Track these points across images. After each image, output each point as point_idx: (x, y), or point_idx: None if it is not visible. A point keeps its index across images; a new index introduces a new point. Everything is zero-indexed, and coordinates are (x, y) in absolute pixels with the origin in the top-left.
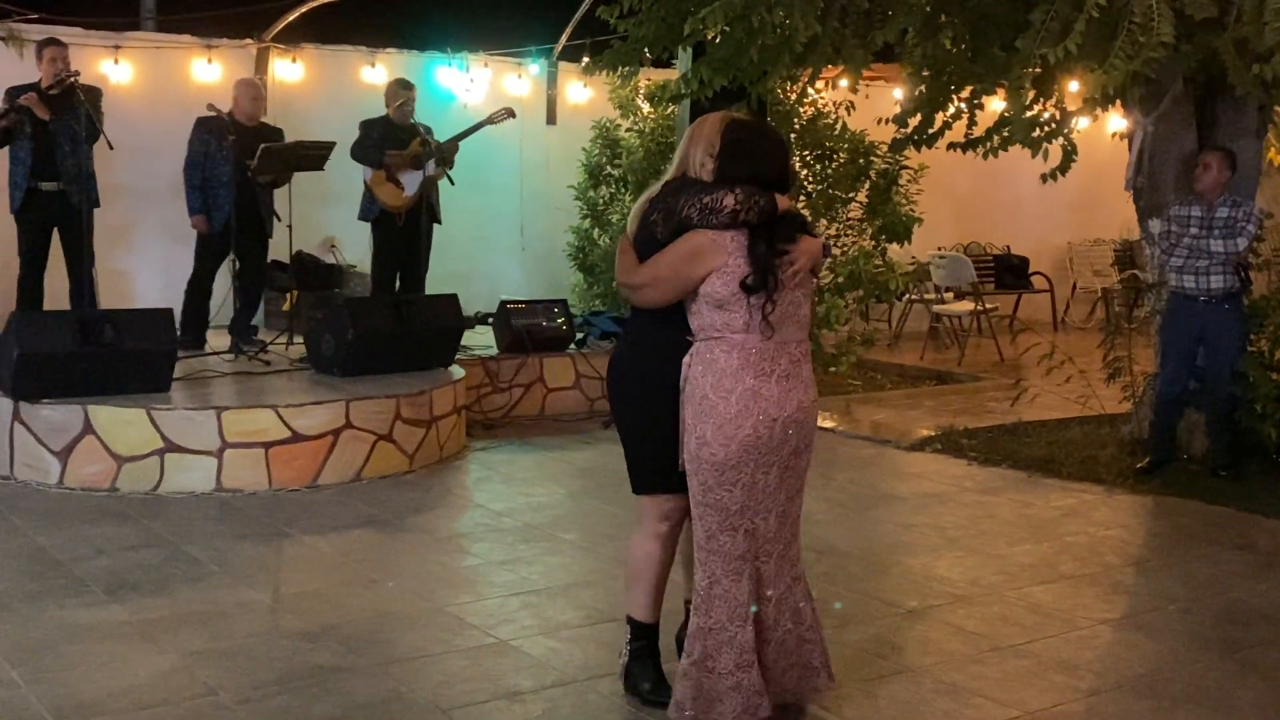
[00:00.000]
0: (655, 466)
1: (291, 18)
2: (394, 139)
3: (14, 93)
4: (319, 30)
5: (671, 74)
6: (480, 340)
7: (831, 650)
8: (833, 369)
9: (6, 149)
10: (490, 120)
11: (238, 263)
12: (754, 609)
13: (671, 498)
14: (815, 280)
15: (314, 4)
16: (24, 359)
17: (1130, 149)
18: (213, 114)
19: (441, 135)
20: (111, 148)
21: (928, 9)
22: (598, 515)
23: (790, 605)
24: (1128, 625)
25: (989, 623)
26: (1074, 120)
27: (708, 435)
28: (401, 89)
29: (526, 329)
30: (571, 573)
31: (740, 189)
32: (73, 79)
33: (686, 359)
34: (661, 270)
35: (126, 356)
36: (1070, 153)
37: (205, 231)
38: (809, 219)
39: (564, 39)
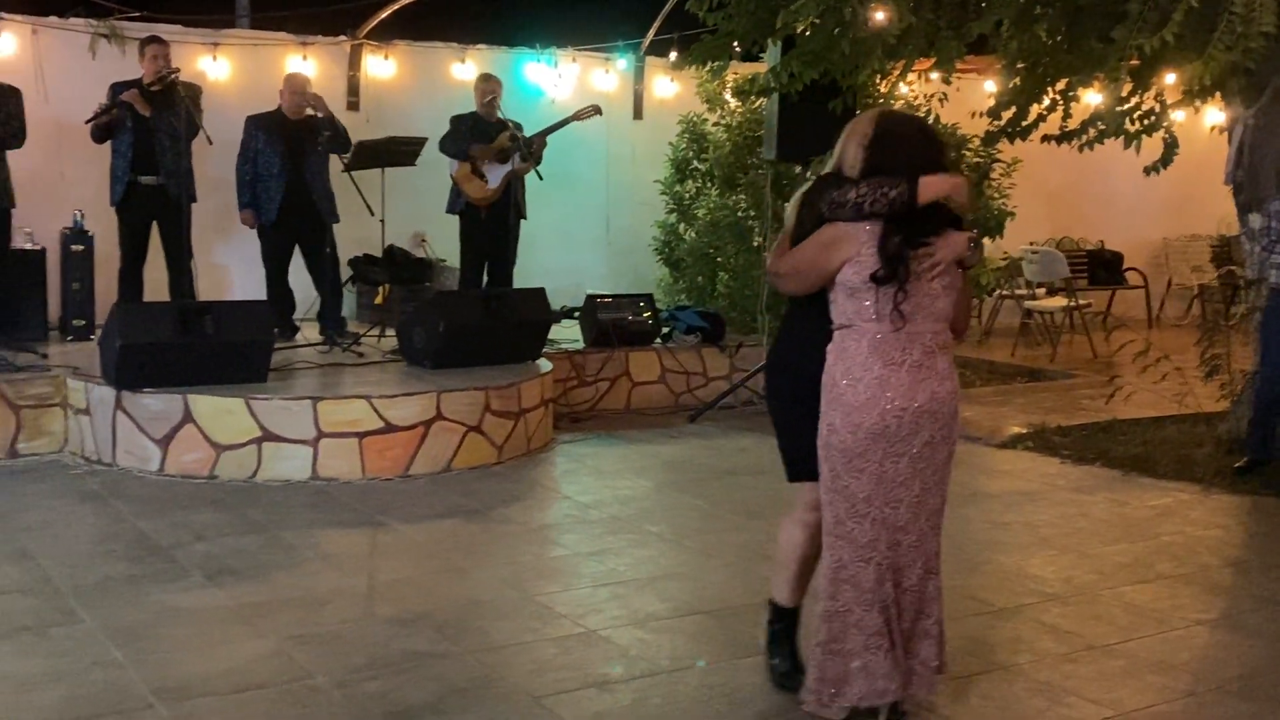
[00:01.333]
0: (805, 455)
1: (384, 15)
2: (482, 133)
3: (117, 89)
4: (410, 27)
5: (759, 68)
6: (567, 334)
7: None
8: None
9: (109, 143)
10: (576, 117)
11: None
12: (887, 596)
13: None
14: (962, 273)
15: (406, 2)
16: (126, 349)
17: (1229, 142)
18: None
19: (530, 130)
20: (210, 143)
21: (1023, 1)
22: (684, 508)
23: (925, 597)
24: (1225, 626)
25: (1083, 622)
26: (1172, 113)
27: (836, 422)
28: (488, 84)
29: (612, 323)
30: (659, 565)
31: (869, 182)
32: (173, 76)
33: (829, 348)
34: (799, 261)
35: (226, 347)
36: (1172, 145)
37: (252, 226)
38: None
39: (651, 34)
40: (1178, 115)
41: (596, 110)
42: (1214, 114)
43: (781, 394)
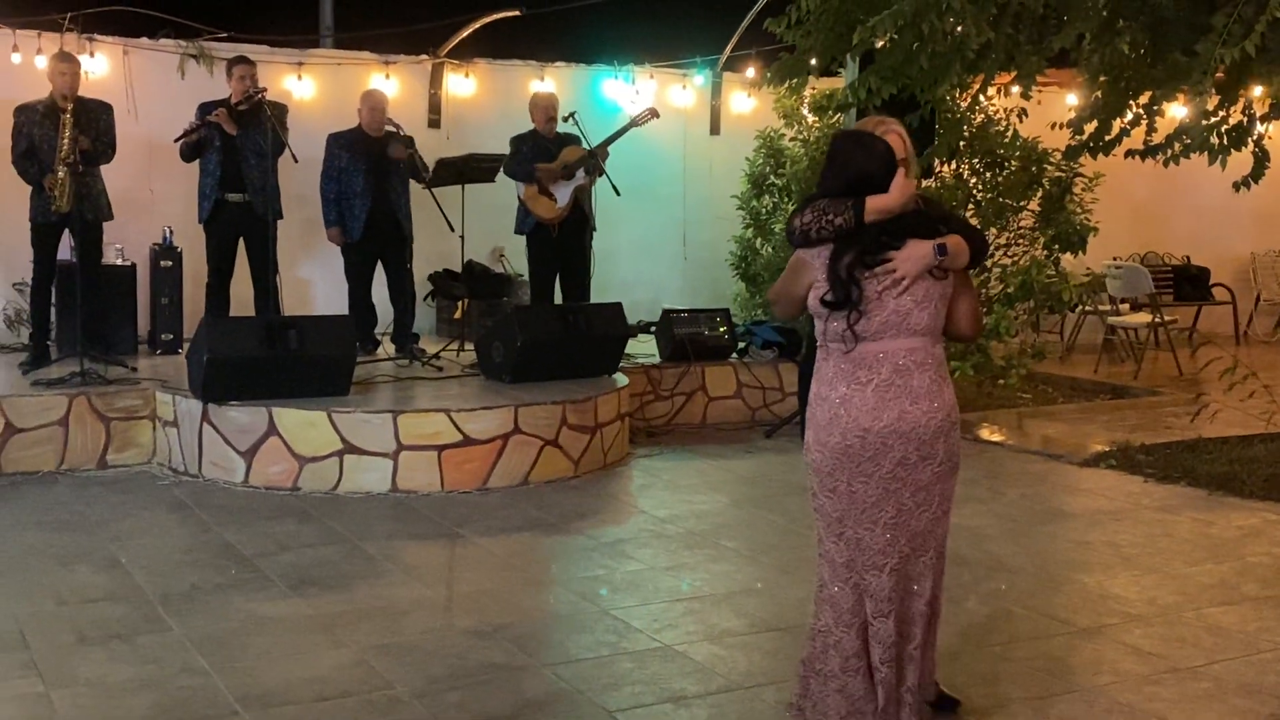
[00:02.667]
0: None
1: (465, 34)
2: (543, 152)
3: (205, 108)
4: (490, 46)
5: (836, 83)
6: (643, 348)
7: (1000, 667)
8: (1002, 382)
9: (197, 162)
10: (634, 123)
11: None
12: (866, 618)
13: None
14: (959, 276)
15: (486, 21)
16: (213, 363)
17: None
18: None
19: (592, 143)
20: (296, 161)
21: (1105, 13)
22: (760, 524)
23: (910, 621)
24: None
25: (1166, 643)
26: (1260, 126)
27: (809, 441)
28: (546, 101)
29: (688, 338)
30: (735, 580)
31: (814, 207)
32: (259, 95)
33: None
34: (778, 288)
35: (309, 361)
36: (1262, 159)
37: (339, 243)
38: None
39: (728, 50)
40: (1265, 128)
41: (654, 113)
42: None
43: None
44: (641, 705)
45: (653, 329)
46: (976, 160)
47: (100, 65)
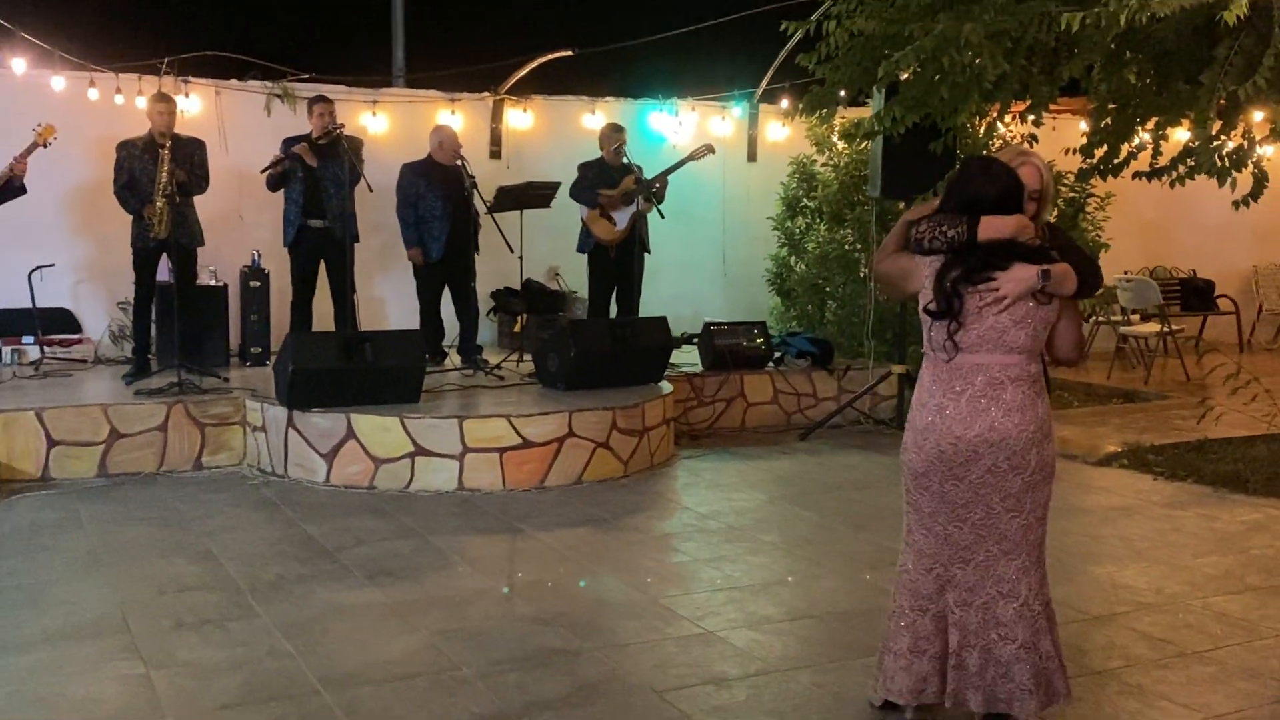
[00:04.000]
0: None
1: (523, 73)
2: (607, 178)
3: (288, 142)
4: (546, 83)
5: (864, 113)
6: (687, 358)
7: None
8: None
9: (282, 191)
10: (692, 157)
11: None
12: (946, 606)
13: None
14: (1067, 302)
15: (542, 60)
16: (298, 374)
17: None
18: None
19: (652, 173)
20: (371, 190)
21: (1112, 46)
22: (795, 520)
23: (996, 618)
24: None
25: (1174, 630)
26: (1259, 149)
27: (907, 442)
28: (614, 132)
29: (728, 348)
30: (772, 571)
31: (931, 220)
32: (338, 130)
33: None
34: (887, 269)
35: (383, 372)
36: (1261, 180)
37: (420, 263)
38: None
39: (764, 83)
40: (1266, 151)
41: (710, 149)
42: None
43: None
44: (686, 686)
45: (695, 340)
46: None
47: (194, 104)
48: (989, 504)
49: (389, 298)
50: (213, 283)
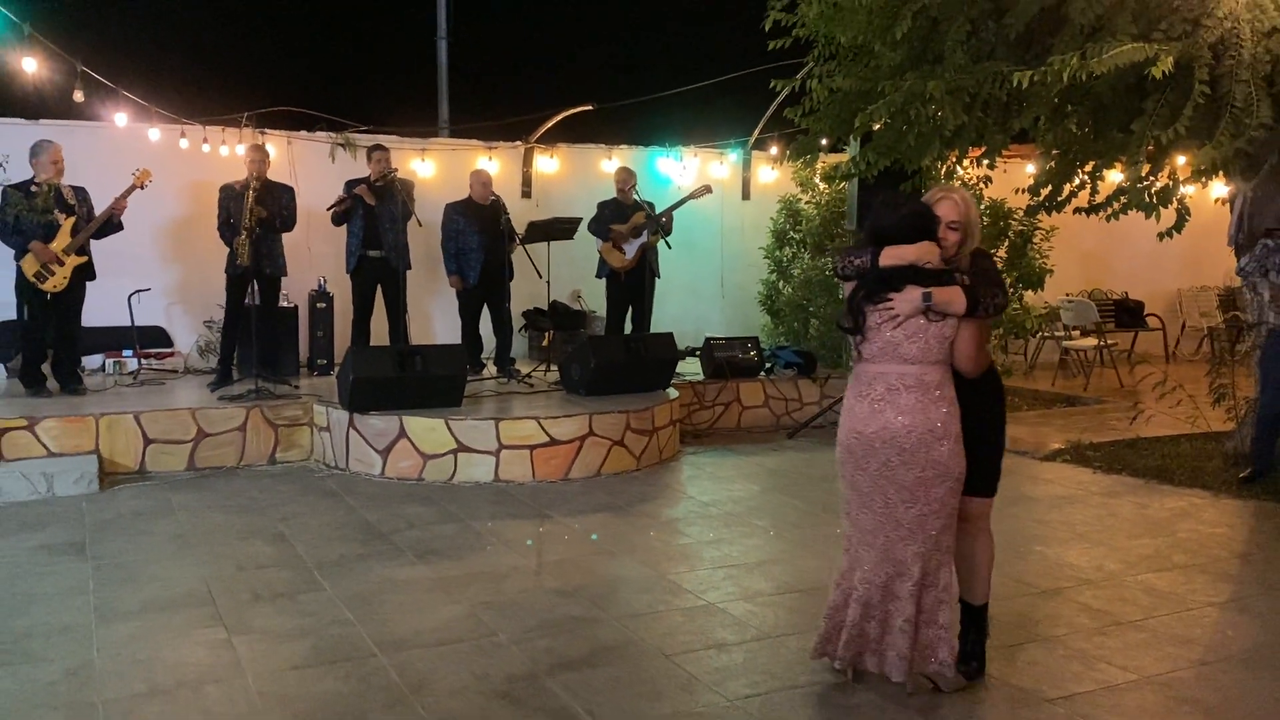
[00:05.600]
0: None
1: (550, 125)
2: (620, 214)
3: (350, 184)
4: (570, 133)
5: (842, 158)
6: (690, 368)
7: None
8: None
9: (344, 226)
10: (693, 195)
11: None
12: (859, 588)
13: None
14: (929, 321)
15: (566, 114)
16: (358, 382)
17: (1232, 211)
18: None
19: (659, 210)
20: (420, 225)
21: (1056, 100)
22: (785, 507)
23: (894, 594)
24: (1233, 607)
25: (1111, 602)
26: (1184, 187)
27: (838, 434)
28: (626, 175)
29: (726, 360)
30: (765, 551)
31: (844, 250)
32: (393, 174)
33: None
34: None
35: (430, 380)
36: (1183, 215)
37: (460, 288)
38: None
39: (756, 133)
40: (1188, 190)
41: (708, 189)
42: (1219, 187)
43: None
44: (690, 650)
45: (697, 353)
46: None
47: (270, 152)
48: (887, 494)
49: (436, 316)
50: (286, 305)
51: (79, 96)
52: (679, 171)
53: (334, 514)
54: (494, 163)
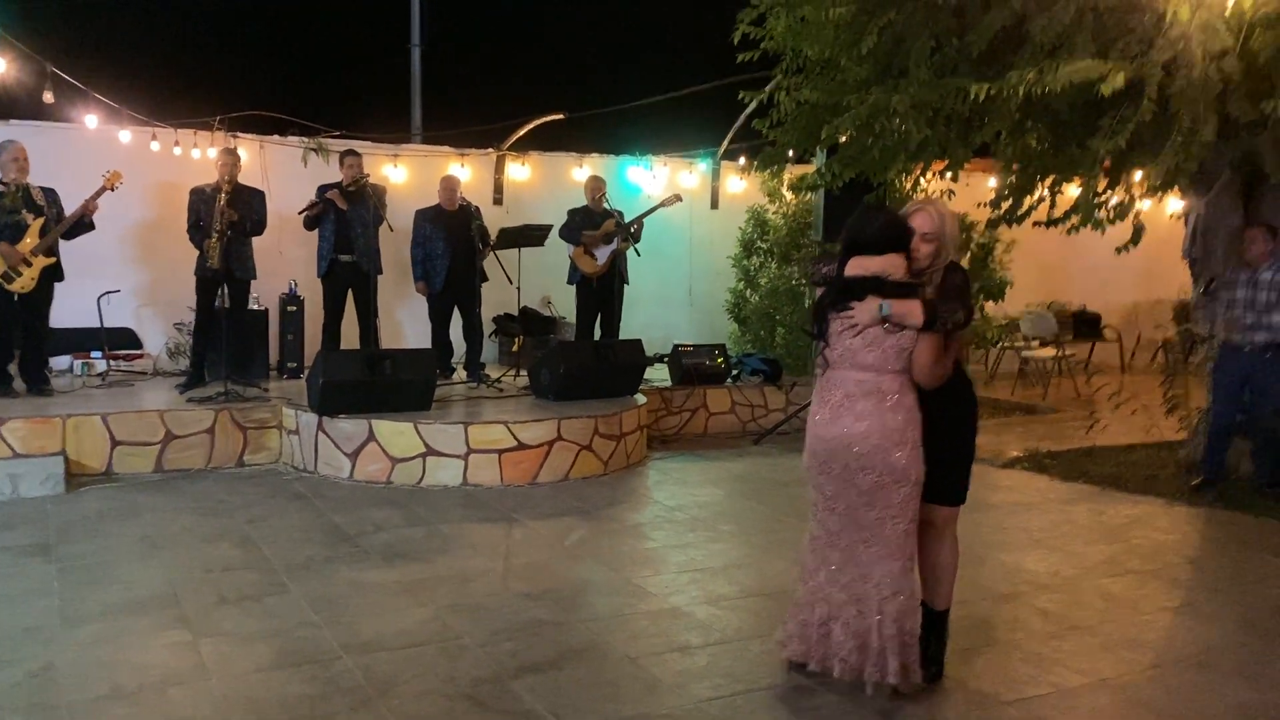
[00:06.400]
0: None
1: (522, 133)
2: (591, 222)
3: (322, 189)
4: (541, 141)
5: (809, 169)
6: (659, 375)
7: None
8: None
9: (316, 230)
10: (663, 204)
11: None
12: (825, 588)
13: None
14: (886, 331)
15: (538, 122)
16: (327, 385)
17: (1186, 225)
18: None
19: (629, 218)
20: (391, 230)
21: (1017, 116)
22: (749, 512)
23: (857, 597)
24: (1185, 612)
25: (1067, 607)
26: (1139, 203)
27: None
28: (596, 183)
29: (694, 366)
30: (729, 556)
31: (814, 259)
32: (365, 179)
33: None
34: None
35: (400, 384)
36: (1139, 230)
37: (425, 294)
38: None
39: (725, 143)
40: (1145, 205)
41: (678, 198)
42: (1175, 202)
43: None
44: (655, 653)
45: (665, 359)
46: None
47: (242, 156)
48: (849, 497)
49: (406, 321)
50: (256, 308)
51: (49, 97)
52: (649, 180)
53: (301, 517)
54: (466, 169)
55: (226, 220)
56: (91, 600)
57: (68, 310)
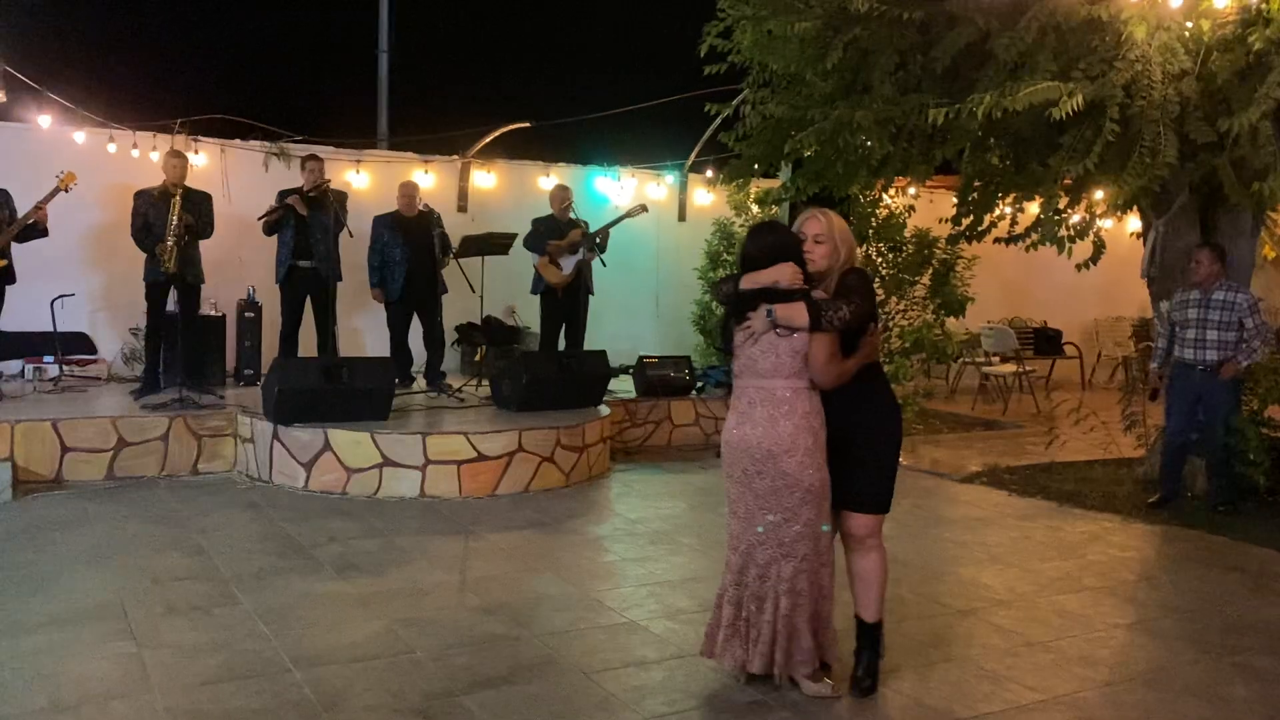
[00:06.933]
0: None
1: (488, 140)
2: (556, 231)
3: (283, 194)
4: (507, 148)
5: (776, 183)
6: (623, 386)
7: (893, 640)
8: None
9: (275, 236)
10: (629, 214)
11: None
12: (730, 589)
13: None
14: (779, 336)
15: (505, 130)
16: (282, 393)
17: (1145, 244)
18: (389, 212)
19: (594, 228)
20: (351, 236)
21: (979, 133)
22: (711, 525)
23: (755, 595)
24: (1139, 629)
25: (1023, 623)
26: (1099, 222)
27: None
28: (562, 192)
29: (658, 378)
30: (689, 569)
31: (720, 281)
32: (325, 185)
33: None
34: None
35: (357, 393)
36: (1100, 247)
37: (381, 302)
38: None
39: (693, 156)
40: (1106, 223)
41: (644, 208)
42: (1135, 222)
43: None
44: (610, 668)
45: (630, 371)
46: (881, 244)
47: (202, 160)
48: (748, 500)
49: (366, 329)
50: (213, 313)
51: (0, 96)
52: (616, 191)
53: (255, 526)
54: (430, 176)
55: (183, 225)
56: (35, 610)
57: (20, 314)
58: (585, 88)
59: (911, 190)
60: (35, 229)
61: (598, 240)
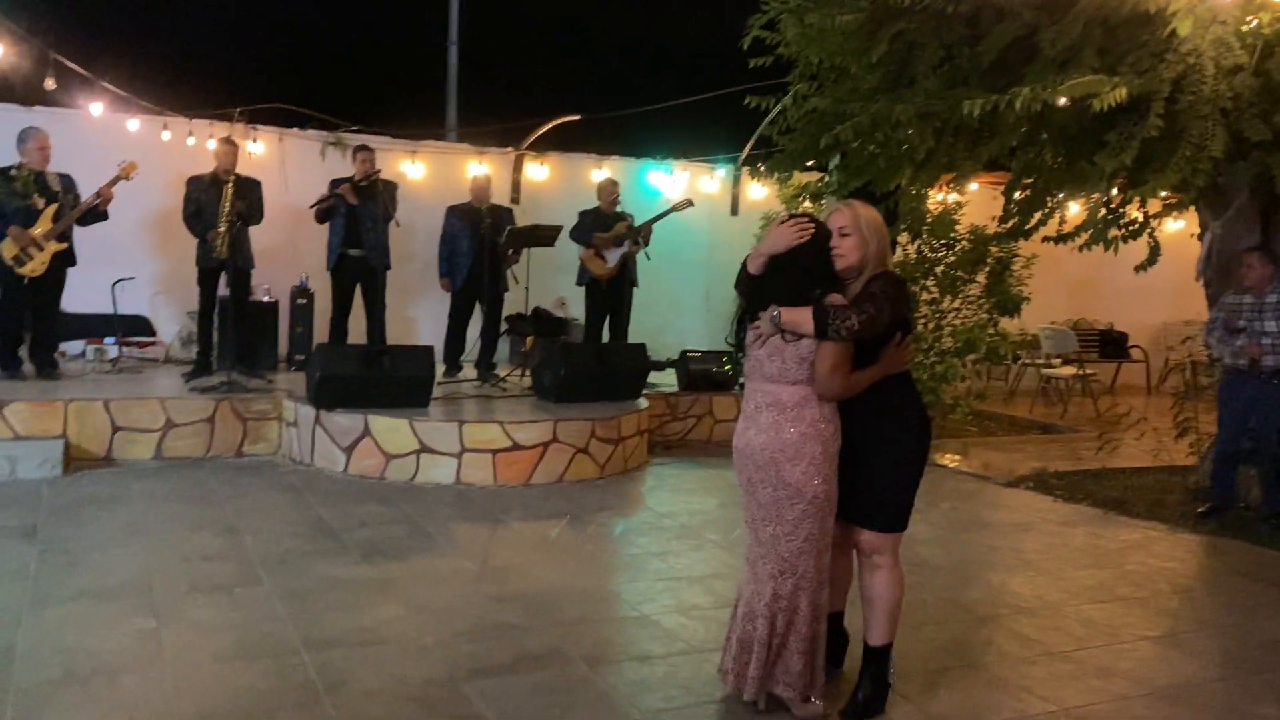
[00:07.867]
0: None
1: (541, 131)
2: (602, 224)
3: (335, 184)
4: (561, 141)
5: (813, 177)
6: (667, 380)
7: (909, 646)
8: (951, 416)
9: (327, 224)
10: (675, 208)
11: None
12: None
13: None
14: (785, 340)
15: (557, 122)
16: (324, 379)
17: (1202, 245)
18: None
19: (640, 221)
20: (398, 225)
21: (1024, 130)
22: (739, 522)
23: (752, 611)
24: (1167, 642)
25: (1045, 632)
26: (1156, 221)
27: None
28: (609, 185)
29: (701, 372)
30: (710, 565)
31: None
32: (376, 175)
33: None
34: None
35: (397, 380)
36: (1155, 249)
37: (448, 291)
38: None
39: (746, 149)
40: (1174, 224)
41: (690, 202)
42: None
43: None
44: (613, 662)
45: (673, 365)
46: (935, 240)
47: (260, 148)
48: (751, 509)
49: (419, 317)
50: (267, 299)
51: (50, 84)
52: (669, 184)
53: (290, 509)
54: (484, 167)
55: (235, 211)
56: (65, 584)
57: (83, 296)
58: (641, 80)
59: (974, 185)
60: (96, 211)
61: (642, 234)
